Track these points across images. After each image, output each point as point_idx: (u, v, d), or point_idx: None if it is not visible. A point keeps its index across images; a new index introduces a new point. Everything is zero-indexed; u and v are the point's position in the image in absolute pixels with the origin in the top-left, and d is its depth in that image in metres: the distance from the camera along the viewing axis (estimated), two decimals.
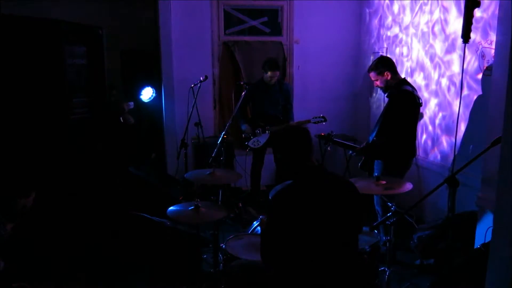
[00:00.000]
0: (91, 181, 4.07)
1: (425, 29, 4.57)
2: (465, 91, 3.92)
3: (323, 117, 4.96)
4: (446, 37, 4.24)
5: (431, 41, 4.49)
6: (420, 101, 3.72)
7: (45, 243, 3.35)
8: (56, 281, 3.27)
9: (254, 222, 3.50)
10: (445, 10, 4.24)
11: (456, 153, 3.89)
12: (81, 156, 4.01)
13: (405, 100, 3.61)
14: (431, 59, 4.49)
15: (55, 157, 3.74)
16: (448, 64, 4.23)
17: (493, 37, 3.50)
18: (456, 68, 4.11)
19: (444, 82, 4.30)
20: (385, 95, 3.80)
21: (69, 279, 3.40)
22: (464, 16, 3.07)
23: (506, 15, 2.89)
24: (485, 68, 3.69)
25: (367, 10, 5.79)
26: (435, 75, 4.44)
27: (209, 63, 5.69)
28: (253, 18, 5.85)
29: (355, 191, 2.32)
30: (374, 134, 3.72)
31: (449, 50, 4.20)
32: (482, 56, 3.73)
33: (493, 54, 3.34)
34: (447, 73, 4.25)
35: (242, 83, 5.05)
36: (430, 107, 4.53)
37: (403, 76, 4.11)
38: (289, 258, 2.20)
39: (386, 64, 3.73)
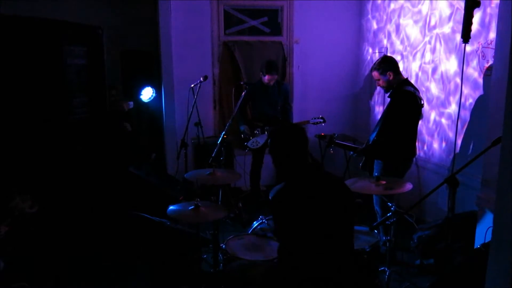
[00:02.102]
0: (91, 181, 4.07)
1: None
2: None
3: (322, 118, 4.96)
4: None
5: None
6: (422, 102, 3.72)
7: (44, 243, 3.35)
8: (55, 282, 3.27)
9: (254, 222, 3.50)
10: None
11: (456, 153, 3.89)
12: (80, 156, 4.01)
13: (406, 101, 3.61)
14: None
15: (54, 156, 3.74)
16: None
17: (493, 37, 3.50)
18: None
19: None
20: (387, 95, 3.80)
21: (69, 280, 3.41)
22: (464, 16, 3.07)
23: (506, 15, 2.89)
24: (485, 68, 3.70)
25: (368, 9, 5.79)
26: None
27: (209, 63, 5.69)
28: (253, 18, 5.85)
29: (347, 190, 2.35)
30: (375, 134, 3.72)
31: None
32: (482, 56, 3.73)
33: (493, 54, 3.34)
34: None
35: (242, 83, 5.05)
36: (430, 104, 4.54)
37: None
38: (290, 256, 2.22)
39: (389, 64, 3.72)
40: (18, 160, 3.56)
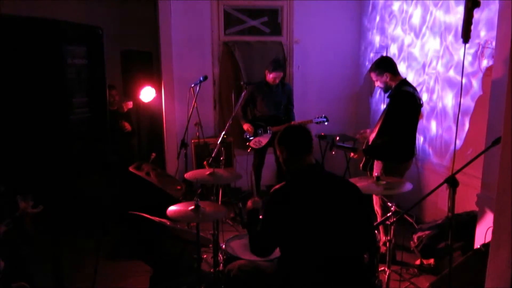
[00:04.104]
0: (91, 181, 4.07)
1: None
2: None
3: (325, 117, 4.96)
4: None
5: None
6: (421, 102, 3.72)
7: (44, 243, 3.35)
8: (56, 282, 3.27)
9: None
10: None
11: (456, 153, 3.89)
12: (81, 156, 4.01)
13: (405, 101, 3.60)
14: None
15: (54, 157, 3.73)
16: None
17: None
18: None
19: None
20: (386, 95, 3.80)
21: (68, 280, 3.40)
22: (464, 16, 3.07)
23: (506, 15, 2.89)
24: (485, 68, 3.70)
25: (368, 9, 5.79)
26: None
27: (209, 63, 5.69)
28: (253, 18, 5.85)
29: (356, 191, 2.33)
30: (374, 134, 3.73)
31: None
32: (482, 56, 3.73)
33: (493, 54, 3.34)
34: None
35: (242, 83, 5.06)
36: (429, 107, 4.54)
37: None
38: (286, 255, 2.21)
39: (385, 65, 3.72)
40: (18, 160, 3.56)
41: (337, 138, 3.91)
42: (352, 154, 3.83)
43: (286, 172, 2.41)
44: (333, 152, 3.82)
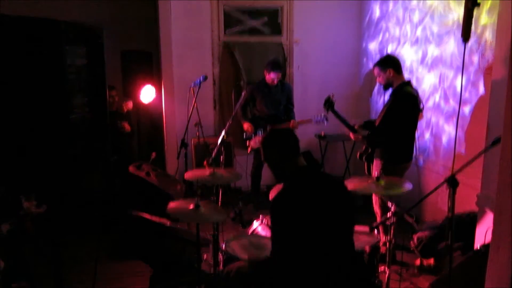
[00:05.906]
0: (91, 181, 4.07)
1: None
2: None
3: (325, 117, 4.96)
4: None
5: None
6: (422, 106, 3.72)
7: (45, 243, 3.35)
8: (56, 282, 3.27)
9: (254, 222, 3.50)
10: None
11: (456, 153, 3.89)
12: (81, 156, 4.02)
13: (407, 103, 3.61)
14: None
15: (54, 157, 3.74)
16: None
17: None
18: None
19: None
20: (386, 93, 3.80)
21: (68, 280, 3.41)
22: (464, 15, 3.07)
23: (506, 16, 2.89)
24: (485, 68, 3.70)
25: (367, 10, 5.78)
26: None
27: (209, 63, 5.69)
28: (253, 18, 5.85)
29: (346, 190, 2.36)
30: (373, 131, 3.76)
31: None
32: (482, 56, 3.73)
33: (493, 54, 3.33)
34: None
35: (242, 83, 5.06)
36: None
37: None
38: (290, 257, 2.21)
39: (391, 62, 3.74)
40: (19, 160, 3.56)
41: (333, 95, 3.86)
42: (351, 134, 3.84)
43: (277, 176, 2.41)
44: (326, 114, 3.75)
